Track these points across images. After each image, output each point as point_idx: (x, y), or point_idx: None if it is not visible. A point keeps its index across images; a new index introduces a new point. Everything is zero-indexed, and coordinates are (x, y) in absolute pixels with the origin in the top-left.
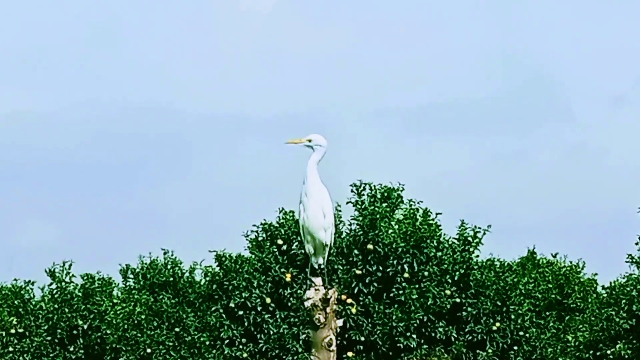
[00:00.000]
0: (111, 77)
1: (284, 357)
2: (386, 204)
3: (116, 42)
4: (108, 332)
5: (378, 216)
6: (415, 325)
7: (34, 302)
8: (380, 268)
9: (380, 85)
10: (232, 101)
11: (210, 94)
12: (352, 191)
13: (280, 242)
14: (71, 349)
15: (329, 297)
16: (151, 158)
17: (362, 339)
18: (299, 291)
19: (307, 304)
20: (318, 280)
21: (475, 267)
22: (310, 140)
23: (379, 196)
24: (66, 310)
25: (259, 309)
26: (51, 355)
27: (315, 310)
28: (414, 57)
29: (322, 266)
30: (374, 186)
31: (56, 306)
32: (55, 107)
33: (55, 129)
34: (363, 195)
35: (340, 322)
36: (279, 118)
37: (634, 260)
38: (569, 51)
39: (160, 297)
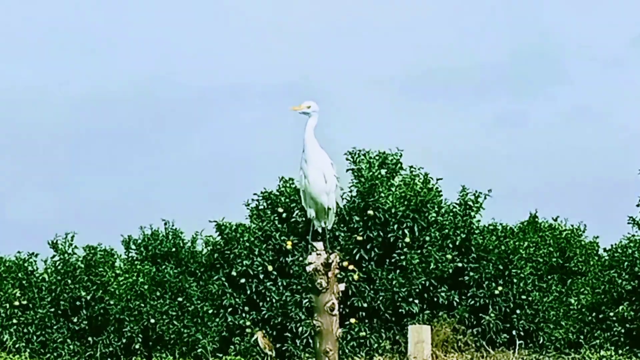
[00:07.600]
0: (109, 48)
1: (287, 324)
2: (385, 169)
3: (113, 14)
4: (111, 302)
5: (377, 182)
6: (418, 290)
7: (37, 275)
8: (381, 234)
9: (378, 52)
10: (230, 70)
11: (209, 64)
12: (346, 159)
13: (280, 210)
14: (74, 320)
15: (330, 261)
16: (151, 129)
17: (365, 305)
18: (300, 258)
19: (309, 268)
20: (320, 245)
21: (477, 232)
22: (309, 107)
23: (375, 162)
24: (69, 281)
25: (261, 277)
26: (55, 326)
27: (317, 274)
28: (411, 23)
29: (327, 229)
30: (369, 152)
31: (59, 278)
32: (54, 78)
33: (53, 101)
34: (360, 163)
35: (342, 287)
36: (277, 87)
37: (635, 221)
38: (564, 13)
39: (163, 267)
